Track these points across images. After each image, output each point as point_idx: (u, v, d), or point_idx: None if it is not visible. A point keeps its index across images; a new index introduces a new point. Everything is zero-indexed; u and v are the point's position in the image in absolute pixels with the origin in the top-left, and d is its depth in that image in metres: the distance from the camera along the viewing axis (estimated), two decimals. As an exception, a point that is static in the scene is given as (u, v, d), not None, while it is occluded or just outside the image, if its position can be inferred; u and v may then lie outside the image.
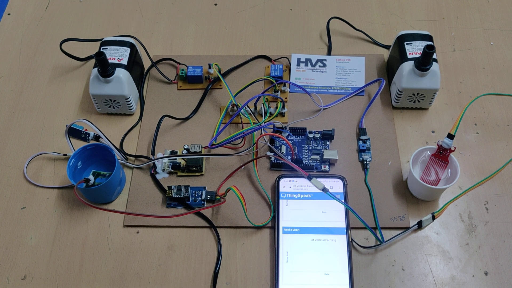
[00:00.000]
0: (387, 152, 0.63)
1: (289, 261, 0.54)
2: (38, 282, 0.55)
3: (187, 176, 0.62)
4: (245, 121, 0.66)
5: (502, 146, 0.64)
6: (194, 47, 0.76)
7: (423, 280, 0.54)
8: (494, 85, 0.70)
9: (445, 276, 0.55)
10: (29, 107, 0.69)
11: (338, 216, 0.57)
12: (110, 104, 0.66)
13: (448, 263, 0.55)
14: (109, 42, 0.67)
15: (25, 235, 0.59)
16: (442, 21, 0.77)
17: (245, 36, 0.77)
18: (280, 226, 0.56)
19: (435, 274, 0.55)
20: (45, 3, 0.82)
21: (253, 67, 0.72)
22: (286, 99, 0.68)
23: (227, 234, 0.58)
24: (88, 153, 0.60)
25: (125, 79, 0.64)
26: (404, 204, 0.59)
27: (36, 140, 0.66)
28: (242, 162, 0.62)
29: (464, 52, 0.73)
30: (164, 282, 0.55)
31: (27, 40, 0.77)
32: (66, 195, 0.61)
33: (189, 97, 0.69)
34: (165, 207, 0.60)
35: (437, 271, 0.55)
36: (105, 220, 0.59)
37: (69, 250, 0.57)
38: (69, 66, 0.74)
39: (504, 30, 0.76)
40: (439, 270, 0.55)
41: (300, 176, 0.59)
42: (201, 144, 0.63)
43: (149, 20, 0.79)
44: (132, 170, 0.63)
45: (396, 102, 0.66)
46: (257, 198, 0.60)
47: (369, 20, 0.78)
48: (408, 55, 0.64)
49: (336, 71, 0.71)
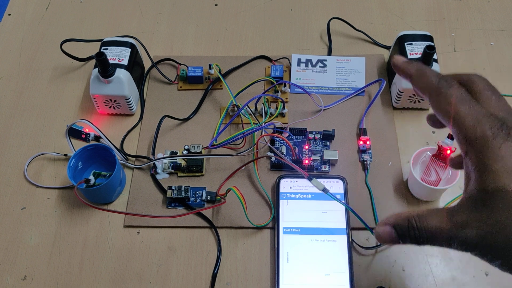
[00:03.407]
0: (388, 153, 0.63)
1: (289, 262, 0.54)
2: (38, 282, 0.55)
3: (187, 177, 0.62)
4: (245, 121, 0.66)
5: (503, 146, 0.64)
6: (194, 47, 0.76)
7: (424, 280, 0.54)
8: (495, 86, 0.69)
9: (446, 276, 0.55)
10: (30, 107, 0.70)
11: (339, 217, 0.57)
12: (110, 105, 0.66)
13: (449, 264, 0.55)
14: (110, 42, 0.67)
15: (25, 235, 0.59)
16: (442, 22, 0.77)
17: (245, 37, 0.77)
18: (281, 227, 0.56)
19: (435, 275, 0.55)
20: (46, 4, 0.82)
21: (253, 68, 0.72)
22: (287, 100, 0.68)
23: (228, 235, 0.58)
24: (88, 153, 0.60)
25: (126, 80, 0.64)
26: (404, 204, 0.59)
27: (37, 141, 0.66)
28: (242, 163, 0.62)
29: (465, 52, 0.73)
30: (164, 282, 0.55)
31: (27, 40, 0.77)
32: (67, 195, 0.61)
33: (190, 98, 0.69)
34: (166, 207, 0.60)
35: (437, 272, 0.55)
36: (105, 220, 0.59)
37: (69, 251, 0.57)
38: (70, 66, 0.74)
39: (504, 30, 0.76)
40: (440, 270, 0.55)
41: (301, 176, 0.59)
42: (202, 144, 0.63)
43: (149, 20, 0.79)
44: (133, 170, 0.63)
45: (397, 103, 0.66)
46: (258, 199, 0.60)
47: (370, 20, 0.78)
48: (408, 55, 0.64)
49: (337, 71, 0.71)
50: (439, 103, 0.36)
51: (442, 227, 0.34)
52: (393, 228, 0.37)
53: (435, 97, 0.37)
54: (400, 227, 0.36)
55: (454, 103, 0.35)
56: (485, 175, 0.33)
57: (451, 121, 0.36)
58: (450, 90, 0.36)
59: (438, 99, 0.36)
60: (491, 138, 0.33)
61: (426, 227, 0.35)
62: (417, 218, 0.36)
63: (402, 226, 0.36)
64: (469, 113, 0.35)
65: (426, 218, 0.35)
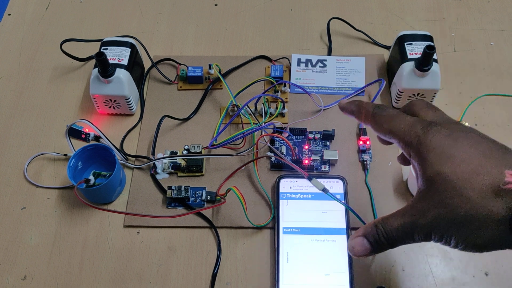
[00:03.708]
0: (388, 153, 0.63)
1: (289, 262, 0.54)
2: (38, 282, 0.55)
3: (187, 177, 0.62)
4: (245, 121, 0.66)
5: (503, 146, 0.64)
6: (194, 47, 0.76)
7: (424, 280, 0.54)
8: (495, 86, 0.70)
9: (446, 276, 0.55)
10: (30, 107, 0.70)
11: (339, 217, 0.57)
12: (110, 105, 0.66)
13: (449, 264, 0.55)
14: (110, 42, 0.67)
15: (25, 235, 0.59)
16: (442, 22, 0.77)
17: (245, 37, 0.77)
18: (281, 227, 0.56)
19: (435, 275, 0.55)
20: (46, 4, 0.82)
21: (253, 68, 0.72)
22: (286, 100, 0.68)
23: (228, 235, 0.58)
24: (88, 153, 0.60)
25: (126, 80, 0.64)
26: (404, 204, 0.59)
27: (37, 141, 0.66)
28: (242, 163, 0.62)
29: (465, 52, 0.73)
30: (164, 282, 0.55)
31: (27, 40, 0.77)
32: (67, 195, 0.61)
33: (190, 98, 0.69)
34: (166, 207, 0.60)
35: (437, 272, 0.55)
36: (105, 220, 0.59)
37: (69, 251, 0.57)
38: (70, 66, 0.74)
39: (504, 30, 0.76)
40: (440, 270, 0.55)
41: (301, 176, 0.59)
42: (201, 144, 0.63)
43: (149, 20, 0.79)
44: (133, 170, 0.63)
45: (397, 103, 0.66)
46: (258, 199, 0.60)
47: (370, 20, 0.78)
48: (408, 55, 0.64)
49: (337, 71, 0.71)
50: (378, 125, 0.42)
51: (405, 221, 0.38)
52: (364, 237, 0.40)
53: (374, 122, 0.43)
54: (370, 235, 0.39)
55: (388, 120, 0.41)
56: (424, 166, 0.38)
57: (391, 135, 0.41)
58: (384, 112, 0.42)
59: (376, 122, 0.42)
60: (423, 136, 0.38)
61: (391, 226, 0.38)
62: (382, 222, 0.39)
63: (371, 232, 0.39)
64: (403, 122, 0.40)
65: (390, 219, 0.39)
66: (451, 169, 0.36)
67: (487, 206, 0.34)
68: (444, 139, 0.37)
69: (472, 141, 0.37)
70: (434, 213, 0.36)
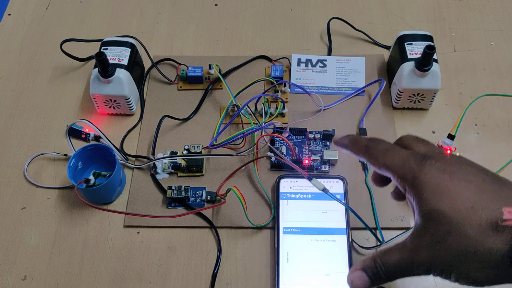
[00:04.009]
0: (388, 153, 0.63)
1: (289, 262, 0.54)
2: (38, 282, 0.55)
3: (187, 177, 0.62)
4: (245, 121, 0.66)
5: (503, 147, 0.64)
6: (194, 47, 0.76)
7: (423, 280, 0.54)
8: (495, 86, 0.70)
9: (446, 276, 0.54)
10: (30, 107, 0.70)
11: (339, 217, 0.57)
12: (110, 105, 0.66)
13: (449, 264, 0.55)
14: (110, 42, 0.67)
15: (25, 235, 0.59)
16: (442, 22, 0.77)
17: (245, 37, 0.77)
18: (281, 227, 0.56)
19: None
20: (46, 4, 0.82)
21: (253, 68, 0.72)
22: (287, 100, 0.68)
23: (228, 235, 0.58)
24: (88, 153, 0.60)
25: (126, 80, 0.64)
26: (404, 204, 0.59)
27: (37, 141, 0.66)
28: (242, 163, 0.62)
29: (465, 52, 0.73)
30: (164, 282, 0.55)
31: (27, 40, 0.77)
32: (67, 195, 0.61)
33: (190, 98, 0.69)
34: (166, 207, 0.60)
35: (437, 272, 0.55)
36: (105, 220, 0.59)
37: (69, 251, 0.57)
38: (70, 66, 0.74)
39: (504, 30, 0.76)
40: (440, 270, 0.55)
41: (301, 176, 0.59)
42: (202, 144, 0.63)
43: (149, 20, 0.79)
44: (133, 170, 0.63)
45: (397, 103, 0.66)
46: (258, 199, 0.60)
47: (370, 20, 0.78)
48: (408, 55, 0.64)
49: (337, 71, 0.71)
50: (373, 159, 0.42)
51: (403, 257, 0.37)
52: (363, 271, 0.39)
53: (367, 155, 0.42)
54: (368, 269, 0.39)
55: (382, 154, 0.41)
56: (420, 201, 0.37)
57: (385, 169, 0.40)
58: (379, 145, 0.42)
59: (370, 156, 0.42)
60: (417, 170, 0.38)
61: (389, 261, 0.38)
62: (380, 256, 0.39)
63: (370, 266, 0.39)
64: (397, 156, 0.40)
65: (388, 254, 0.38)
66: (448, 204, 0.35)
67: (486, 242, 0.34)
68: (439, 174, 0.37)
69: (467, 175, 0.37)
70: (432, 249, 0.36)
